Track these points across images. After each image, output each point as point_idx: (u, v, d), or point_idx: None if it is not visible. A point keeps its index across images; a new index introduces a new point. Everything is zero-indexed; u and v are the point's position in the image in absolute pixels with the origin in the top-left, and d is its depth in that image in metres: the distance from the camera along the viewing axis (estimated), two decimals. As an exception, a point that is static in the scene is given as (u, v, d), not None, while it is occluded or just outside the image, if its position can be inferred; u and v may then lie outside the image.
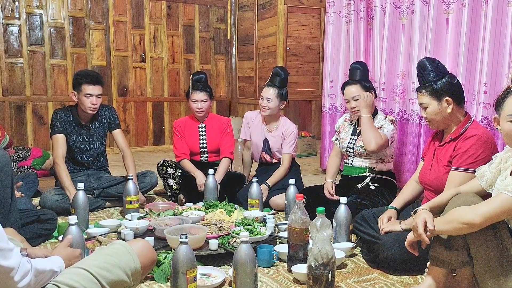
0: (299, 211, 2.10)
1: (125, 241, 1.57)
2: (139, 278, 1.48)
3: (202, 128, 3.56)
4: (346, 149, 3.03)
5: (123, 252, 1.45)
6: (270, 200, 3.21)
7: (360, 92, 2.90)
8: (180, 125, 3.58)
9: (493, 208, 1.60)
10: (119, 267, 1.40)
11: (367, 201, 2.73)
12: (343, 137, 3.07)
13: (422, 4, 3.37)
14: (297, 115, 6.38)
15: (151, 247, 1.58)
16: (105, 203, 3.29)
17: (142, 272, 1.49)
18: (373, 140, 2.81)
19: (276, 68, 3.49)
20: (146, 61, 6.28)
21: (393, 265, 2.15)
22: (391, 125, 2.90)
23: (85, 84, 3.16)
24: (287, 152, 3.39)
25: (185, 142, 3.53)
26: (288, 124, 3.47)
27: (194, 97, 3.44)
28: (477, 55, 2.96)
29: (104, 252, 1.43)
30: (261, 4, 6.39)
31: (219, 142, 3.54)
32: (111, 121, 3.41)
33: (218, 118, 3.67)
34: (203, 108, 3.46)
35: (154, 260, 1.58)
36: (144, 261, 1.48)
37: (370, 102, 2.91)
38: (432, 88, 2.19)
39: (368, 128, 2.84)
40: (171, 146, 6.35)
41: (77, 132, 3.31)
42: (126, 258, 1.43)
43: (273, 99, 3.36)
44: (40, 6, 5.65)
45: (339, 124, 3.18)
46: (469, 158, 2.07)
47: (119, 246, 1.48)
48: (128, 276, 1.42)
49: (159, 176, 3.53)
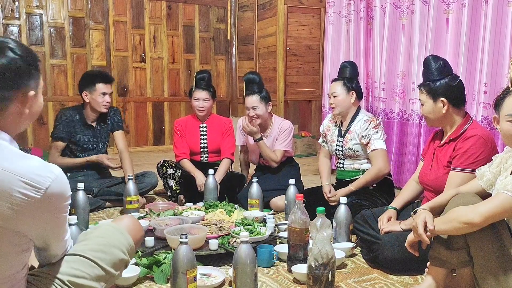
0: (299, 211, 2.10)
1: (110, 221, 1.57)
2: (133, 253, 1.50)
3: (203, 128, 3.56)
4: (335, 152, 3.02)
5: (112, 232, 1.44)
6: (271, 201, 3.20)
7: (341, 91, 2.89)
8: (181, 124, 3.57)
9: (493, 208, 1.60)
10: (114, 246, 1.40)
11: (366, 202, 2.73)
12: (330, 140, 3.06)
13: (422, 4, 3.37)
14: (297, 115, 6.38)
15: (136, 221, 1.61)
16: (105, 203, 3.29)
17: (135, 245, 1.51)
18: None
19: (248, 75, 3.39)
20: (146, 61, 6.28)
21: (393, 265, 2.15)
22: (378, 132, 2.82)
23: (100, 83, 3.21)
24: (279, 148, 3.34)
25: (186, 141, 3.53)
26: (282, 122, 3.42)
27: (196, 95, 3.44)
28: (477, 55, 2.96)
29: (93, 235, 1.42)
30: (261, 4, 6.39)
31: (220, 142, 3.53)
32: (114, 122, 3.43)
33: (219, 119, 3.66)
34: (205, 107, 3.46)
35: (142, 233, 1.61)
36: (134, 235, 1.50)
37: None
38: (430, 87, 2.20)
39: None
40: (171, 146, 6.36)
41: (82, 131, 3.32)
42: (117, 236, 1.43)
43: (258, 105, 3.28)
44: (40, 6, 5.65)
45: (324, 126, 3.15)
46: (469, 158, 2.07)
47: (106, 227, 1.48)
48: (125, 253, 1.42)
49: (159, 176, 3.53)
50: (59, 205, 1.19)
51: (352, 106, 2.93)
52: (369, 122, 2.84)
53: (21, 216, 1.11)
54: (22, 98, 1.17)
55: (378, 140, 2.82)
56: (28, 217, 1.13)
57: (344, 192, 2.84)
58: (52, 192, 1.13)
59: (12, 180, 1.07)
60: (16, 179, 1.07)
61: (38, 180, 1.10)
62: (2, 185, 1.07)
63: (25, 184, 1.08)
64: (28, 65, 1.18)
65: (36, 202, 1.11)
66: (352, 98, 2.91)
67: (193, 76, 3.57)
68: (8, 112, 1.15)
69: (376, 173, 2.82)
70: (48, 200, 1.13)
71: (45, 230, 1.21)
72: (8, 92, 1.13)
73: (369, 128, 2.83)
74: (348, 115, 2.95)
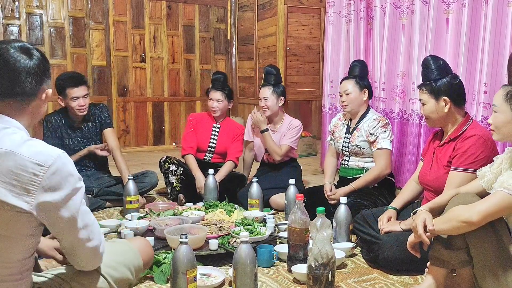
0: (299, 211, 2.10)
1: (125, 239, 1.60)
2: (139, 275, 1.54)
3: (216, 128, 3.57)
4: (341, 148, 3.03)
5: (127, 250, 1.48)
6: (270, 199, 3.21)
7: (353, 89, 2.91)
8: (196, 119, 3.61)
9: (490, 206, 1.60)
10: (125, 265, 1.43)
11: (366, 201, 2.73)
12: (337, 136, 3.07)
13: (422, 4, 3.37)
14: (297, 115, 6.35)
15: (150, 244, 1.66)
16: (105, 203, 3.28)
17: (143, 268, 1.55)
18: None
19: (267, 67, 3.53)
20: (146, 61, 6.28)
21: (393, 265, 2.15)
22: (385, 132, 2.85)
23: (69, 88, 3.09)
24: (285, 143, 3.38)
25: (196, 136, 3.54)
26: (293, 120, 3.48)
27: (210, 96, 3.50)
28: (477, 55, 2.95)
29: (109, 251, 1.44)
30: (261, 4, 6.39)
31: (228, 145, 3.54)
32: (102, 120, 3.36)
33: (233, 123, 3.68)
34: (218, 108, 3.49)
35: (152, 257, 1.65)
36: (145, 258, 1.54)
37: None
38: (432, 87, 2.20)
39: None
40: (171, 146, 6.39)
41: (69, 135, 3.29)
42: (130, 256, 1.47)
43: (269, 97, 3.38)
44: (40, 6, 5.65)
45: (333, 124, 3.18)
46: (468, 158, 2.08)
47: (122, 245, 1.52)
48: (132, 273, 1.46)
49: (161, 171, 3.51)
50: (66, 183, 1.21)
51: (364, 104, 2.96)
52: (378, 121, 2.87)
53: (33, 195, 1.17)
54: (42, 94, 1.30)
55: (385, 139, 2.84)
56: (38, 197, 1.17)
57: (344, 191, 2.84)
58: (56, 167, 1.19)
59: (21, 161, 1.16)
60: (24, 160, 1.17)
61: (43, 159, 1.18)
62: (14, 165, 1.16)
63: (32, 163, 1.17)
64: (47, 66, 1.32)
65: (43, 180, 1.17)
66: (365, 96, 2.95)
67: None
68: (30, 106, 1.28)
69: (378, 174, 2.83)
70: (53, 177, 1.18)
71: (55, 216, 1.21)
72: (37, 88, 1.27)
73: (378, 126, 2.85)
74: (359, 113, 2.97)
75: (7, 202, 1.15)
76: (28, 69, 1.24)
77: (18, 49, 1.25)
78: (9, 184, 1.15)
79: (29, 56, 1.26)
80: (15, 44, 1.26)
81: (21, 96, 1.24)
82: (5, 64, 1.22)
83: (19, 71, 1.23)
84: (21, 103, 1.25)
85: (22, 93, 1.24)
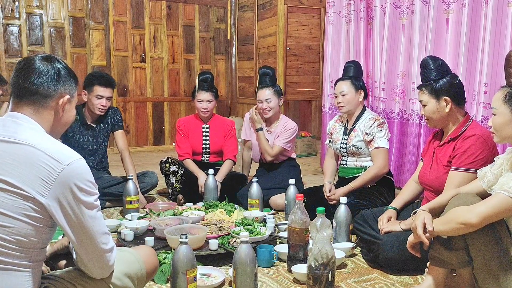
0: (299, 211, 2.10)
1: (131, 248, 1.60)
2: (142, 285, 1.53)
3: (205, 128, 3.57)
4: (339, 150, 3.03)
5: (133, 261, 1.49)
6: (270, 199, 3.21)
7: (349, 90, 2.92)
8: (184, 124, 3.59)
9: (490, 208, 1.60)
10: (128, 276, 1.44)
11: (366, 201, 2.74)
12: (335, 138, 3.07)
13: (422, 4, 3.37)
14: (297, 115, 6.38)
15: (155, 253, 1.65)
16: (105, 203, 3.28)
17: (146, 278, 1.55)
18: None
19: (263, 69, 3.54)
20: (146, 61, 6.28)
21: (393, 265, 2.15)
22: (382, 131, 2.85)
23: (97, 85, 3.19)
24: (278, 144, 3.39)
25: (188, 141, 3.54)
26: (288, 122, 3.48)
27: (199, 97, 3.46)
28: (477, 55, 2.96)
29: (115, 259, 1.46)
30: (261, 4, 6.40)
31: (222, 144, 3.54)
32: (114, 123, 3.43)
33: (221, 120, 3.67)
34: (209, 108, 3.49)
35: (157, 266, 1.64)
36: (148, 267, 1.54)
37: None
38: (432, 87, 2.19)
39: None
40: (171, 146, 6.38)
41: (81, 132, 3.32)
42: (135, 267, 1.48)
43: (272, 98, 3.39)
44: (40, 6, 5.65)
45: (330, 126, 3.18)
46: (468, 158, 2.07)
47: (128, 254, 1.51)
48: (134, 284, 1.46)
49: (161, 172, 3.52)
50: (81, 185, 1.26)
51: (360, 104, 2.96)
52: (374, 121, 2.87)
53: (47, 187, 1.23)
54: (58, 99, 1.37)
55: (381, 138, 2.84)
56: (52, 190, 1.23)
57: (343, 191, 2.84)
58: (72, 168, 1.25)
59: (40, 155, 1.24)
60: (43, 154, 1.24)
61: (61, 158, 1.25)
62: (33, 157, 1.23)
63: (50, 157, 1.24)
64: (69, 76, 1.41)
65: (59, 176, 1.23)
66: (360, 96, 2.95)
67: (194, 76, 3.59)
68: (47, 110, 1.35)
69: (376, 172, 2.84)
70: (68, 176, 1.24)
71: (67, 213, 1.25)
72: (52, 91, 1.35)
73: (374, 126, 2.85)
74: (355, 114, 2.98)
75: (24, 190, 1.21)
76: (44, 71, 1.34)
77: (41, 57, 1.38)
78: (27, 176, 1.21)
79: (48, 61, 1.37)
80: (42, 55, 1.39)
81: (36, 95, 1.33)
82: (25, 66, 1.34)
83: (34, 71, 1.33)
84: (37, 105, 1.33)
85: (35, 93, 1.33)
